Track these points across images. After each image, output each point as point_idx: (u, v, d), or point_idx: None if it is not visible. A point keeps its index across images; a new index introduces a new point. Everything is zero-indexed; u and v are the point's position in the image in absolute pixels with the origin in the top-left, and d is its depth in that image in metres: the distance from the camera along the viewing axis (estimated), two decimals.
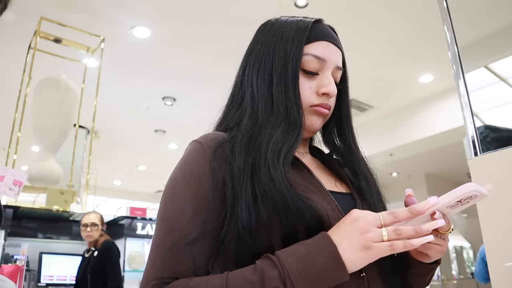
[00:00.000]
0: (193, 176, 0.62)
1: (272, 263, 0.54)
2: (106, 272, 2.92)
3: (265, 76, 0.69)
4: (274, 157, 0.61)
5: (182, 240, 0.59)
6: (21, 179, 2.13)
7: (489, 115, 1.49)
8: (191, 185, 0.62)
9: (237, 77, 0.76)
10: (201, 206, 0.60)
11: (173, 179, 0.65)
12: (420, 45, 4.04)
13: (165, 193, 0.65)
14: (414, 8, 3.53)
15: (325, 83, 0.68)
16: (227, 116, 0.73)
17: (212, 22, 3.69)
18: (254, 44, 0.74)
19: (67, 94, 3.94)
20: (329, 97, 0.69)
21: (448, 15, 1.57)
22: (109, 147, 6.56)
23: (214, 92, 4.97)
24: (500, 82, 1.59)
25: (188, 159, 0.65)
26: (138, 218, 4.67)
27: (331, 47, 0.70)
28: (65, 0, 3.43)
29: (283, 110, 0.65)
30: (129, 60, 4.33)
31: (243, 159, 0.61)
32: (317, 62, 0.68)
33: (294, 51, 0.68)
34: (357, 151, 0.75)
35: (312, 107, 0.69)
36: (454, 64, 1.53)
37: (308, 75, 0.68)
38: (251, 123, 0.66)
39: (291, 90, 0.66)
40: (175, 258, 0.58)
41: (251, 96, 0.69)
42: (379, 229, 0.54)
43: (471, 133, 1.45)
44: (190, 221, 0.60)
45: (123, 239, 4.45)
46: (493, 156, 1.37)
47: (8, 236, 3.52)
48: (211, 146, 0.64)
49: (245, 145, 0.63)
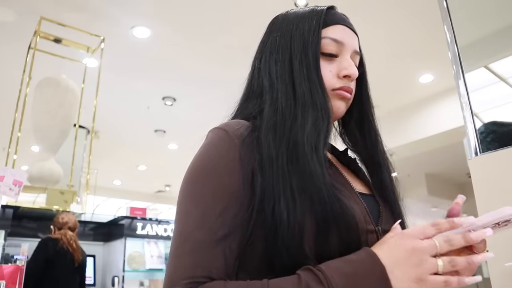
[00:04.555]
0: (221, 166, 0.57)
1: (317, 279, 0.50)
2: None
3: (285, 62, 0.66)
4: (313, 150, 0.57)
5: (213, 236, 0.54)
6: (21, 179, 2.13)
7: (489, 115, 1.49)
8: (220, 175, 0.57)
9: (252, 69, 0.73)
10: (231, 198, 0.56)
11: (196, 170, 0.59)
12: (420, 45, 4.04)
13: (188, 184, 0.59)
14: (414, 8, 3.53)
15: (345, 66, 0.66)
16: (244, 107, 0.69)
17: (212, 22, 3.69)
18: (268, 35, 0.72)
19: (67, 94, 3.95)
20: (350, 79, 0.67)
21: (448, 15, 1.57)
22: (109, 147, 6.56)
23: (214, 92, 4.97)
24: (500, 82, 1.59)
25: (212, 147, 0.60)
26: (138, 218, 4.67)
27: (347, 31, 0.68)
28: (65, 0, 3.43)
29: (307, 94, 0.62)
30: (129, 60, 4.33)
31: (274, 150, 0.57)
32: (336, 45, 0.66)
33: (312, 34, 0.66)
34: (381, 141, 0.73)
35: (334, 90, 0.66)
36: (454, 64, 1.53)
37: (327, 58, 0.66)
38: (273, 110, 0.62)
39: (313, 73, 0.64)
40: (206, 256, 0.53)
41: (270, 83, 0.65)
42: (435, 260, 0.50)
43: (471, 133, 1.44)
44: (221, 215, 0.55)
45: (123, 239, 4.44)
46: (493, 156, 1.37)
47: (8, 236, 3.52)
48: (238, 134, 0.59)
49: (272, 134, 0.59)
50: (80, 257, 3.15)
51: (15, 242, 3.60)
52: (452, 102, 4.78)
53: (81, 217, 4.18)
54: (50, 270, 2.94)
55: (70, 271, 3.09)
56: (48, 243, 3.03)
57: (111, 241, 4.70)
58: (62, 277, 3.02)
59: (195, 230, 0.55)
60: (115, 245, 4.60)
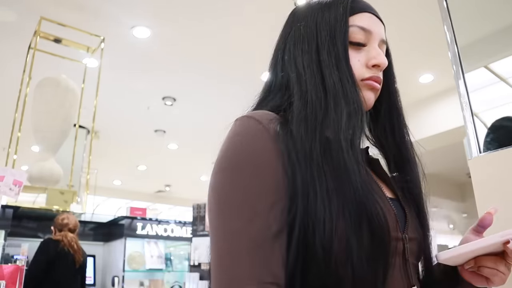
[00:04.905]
0: (262, 157, 0.52)
1: None
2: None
3: (311, 53, 0.62)
4: (349, 146, 0.54)
5: (268, 231, 0.49)
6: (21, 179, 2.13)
7: (489, 115, 1.49)
8: (262, 168, 0.52)
9: (274, 60, 0.69)
10: (278, 192, 0.51)
11: (231, 161, 0.54)
12: (420, 45, 4.04)
13: (224, 177, 0.54)
14: (414, 8, 3.53)
15: (374, 55, 0.63)
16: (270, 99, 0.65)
17: (212, 22, 3.69)
18: (291, 25, 0.68)
19: (67, 94, 3.95)
20: (379, 69, 0.64)
21: (448, 15, 1.57)
22: (109, 147, 6.56)
23: (214, 92, 4.97)
24: (500, 82, 1.59)
25: (247, 137, 0.55)
26: (138, 218, 4.67)
27: (374, 19, 0.66)
28: (65, 0, 3.43)
29: (338, 85, 0.59)
30: (129, 60, 4.33)
31: (308, 144, 0.54)
32: (363, 33, 0.63)
33: (339, 23, 0.62)
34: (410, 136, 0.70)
35: (363, 81, 0.63)
36: (454, 64, 1.53)
37: (355, 47, 0.63)
38: (303, 103, 0.58)
39: (343, 63, 0.60)
40: (267, 253, 0.48)
41: (298, 75, 0.61)
42: None
43: (471, 133, 1.44)
44: (272, 209, 0.50)
45: (123, 239, 4.45)
46: (493, 156, 1.37)
47: (8, 236, 3.52)
48: (272, 126, 0.55)
49: (304, 129, 0.55)
50: (81, 258, 3.15)
51: (15, 242, 3.61)
52: (452, 102, 4.78)
53: (81, 217, 4.18)
54: (51, 272, 2.94)
55: (71, 273, 3.09)
56: (49, 245, 3.03)
57: (111, 241, 4.70)
58: (64, 279, 3.02)
59: (249, 224, 0.49)
60: (115, 245, 4.61)
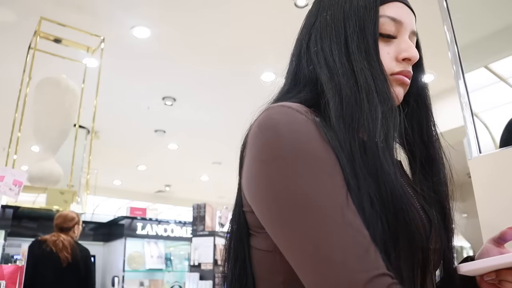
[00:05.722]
0: (319, 145, 0.49)
1: None
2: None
3: (340, 45, 0.58)
4: (385, 146, 0.51)
5: (357, 219, 0.46)
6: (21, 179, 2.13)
7: (489, 115, 1.49)
8: (323, 157, 0.48)
9: (298, 51, 0.65)
10: (343, 184, 0.48)
11: (285, 150, 0.49)
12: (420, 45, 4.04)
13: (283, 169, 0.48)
14: (414, 8, 3.52)
15: (405, 47, 0.60)
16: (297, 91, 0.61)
17: (212, 22, 3.69)
18: (315, 15, 0.64)
19: (67, 94, 3.94)
20: (410, 62, 0.60)
21: (448, 15, 1.57)
22: (109, 147, 6.56)
23: (214, 92, 4.97)
24: (500, 82, 1.59)
25: (296, 125, 0.50)
26: (138, 218, 4.67)
27: (405, 9, 0.62)
28: (65, 0, 3.43)
29: (370, 81, 0.55)
30: (129, 60, 4.33)
31: (348, 144, 0.50)
32: (394, 25, 0.60)
33: (369, 13, 0.59)
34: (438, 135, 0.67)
35: (393, 75, 0.59)
36: (454, 64, 1.53)
37: (384, 39, 0.60)
38: (338, 100, 0.54)
39: (374, 57, 0.57)
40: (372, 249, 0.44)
41: (328, 69, 0.57)
42: None
43: (471, 133, 1.44)
44: (349, 203, 0.47)
45: (123, 239, 4.45)
46: (493, 156, 1.37)
47: (8, 236, 3.52)
48: (311, 116, 0.52)
49: (342, 127, 0.52)
50: (67, 256, 2.96)
51: (15, 242, 3.61)
52: (452, 102, 4.78)
53: (81, 217, 4.18)
54: (36, 272, 2.84)
55: (59, 272, 2.94)
56: (34, 245, 2.95)
57: (111, 241, 4.70)
58: (49, 279, 2.90)
59: (339, 212, 0.45)
60: (115, 245, 4.61)
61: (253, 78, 4.29)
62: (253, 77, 4.28)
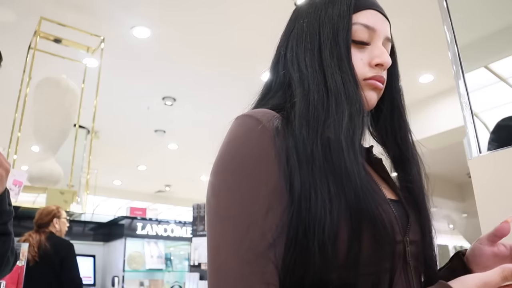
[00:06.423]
0: (258, 160, 0.52)
1: None
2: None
3: (313, 51, 0.61)
4: (349, 146, 0.53)
5: (264, 240, 0.48)
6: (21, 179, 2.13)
7: (489, 115, 1.49)
8: (259, 172, 0.51)
9: (276, 58, 0.68)
10: (276, 196, 0.50)
11: (229, 163, 0.53)
12: (420, 45, 4.04)
13: (221, 181, 0.53)
14: (414, 8, 3.53)
15: (377, 54, 0.62)
16: (271, 97, 0.64)
17: (212, 22, 3.69)
18: (293, 22, 0.67)
19: (67, 94, 3.95)
20: (383, 68, 0.63)
21: (448, 15, 1.57)
22: (109, 147, 6.56)
23: (214, 92, 4.97)
24: (500, 82, 1.59)
25: (245, 138, 0.54)
26: (138, 218, 4.67)
27: (379, 16, 0.65)
28: (65, 0, 3.43)
29: (340, 85, 0.58)
30: (129, 60, 4.33)
31: (309, 146, 0.53)
32: (367, 31, 0.62)
33: (342, 20, 0.61)
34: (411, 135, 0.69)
35: (366, 80, 0.62)
36: (454, 64, 1.53)
37: (358, 45, 0.62)
38: (306, 103, 0.57)
39: (345, 62, 0.59)
40: (260, 264, 0.48)
41: (300, 74, 0.60)
42: None
43: (471, 133, 1.44)
44: (268, 215, 0.49)
45: (123, 239, 4.45)
46: (493, 156, 1.37)
47: None
48: (271, 125, 0.54)
49: (306, 130, 0.54)
50: (34, 254, 2.69)
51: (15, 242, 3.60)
52: (452, 102, 4.78)
53: (81, 217, 4.19)
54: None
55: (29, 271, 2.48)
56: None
57: (111, 241, 4.70)
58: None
59: (243, 234, 0.49)
60: (115, 245, 4.60)
61: (253, 78, 4.29)
62: (253, 77, 4.28)
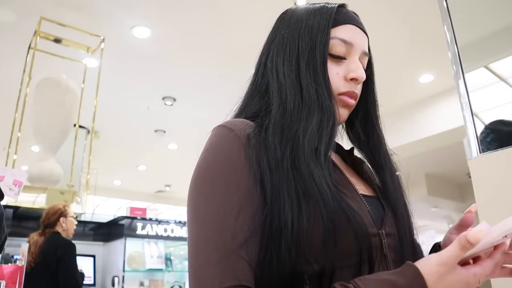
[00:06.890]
0: (230, 166, 0.55)
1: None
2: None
3: (292, 62, 0.64)
4: (313, 152, 0.56)
5: (235, 240, 0.51)
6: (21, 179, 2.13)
7: (489, 115, 1.49)
8: (231, 177, 0.55)
9: (258, 66, 0.71)
10: (247, 198, 0.54)
11: (206, 171, 0.57)
12: (420, 45, 4.04)
13: (199, 187, 0.57)
14: (414, 8, 3.53)
15: (353, 68, 0.64)
16: (249, 104, 0.67)
17: (212, 22, 3.69)
18: (276, 32, 0.70)
19: (67, 94, 3.95)
20: (357, 82, 0.65)
21: (448, 15, 1.57)
22: (109, 147, 6.56)
23: (214, 92, 4.97)
24: (500, 82, 1.59)
25: (219, 147, 0.58)
26: (138, 218, 4.67)
27: (357, 31, 0.67)
28: (65, 0, 3.43)
29: (314, 96, 0.61)
30: (129, 60, 4.33)
31: (280, 151, 0.56)
32: (344, 46, 0.64)
33: (321, 34, 0.64)
34: (384, 143, 0.73)
35: (339, 95, 0.64)
36: (454, 64, 1.53)
37: (335, 60, 0.65)
38: (281, 112, 0.60)
39: (320, 76, 0.62)
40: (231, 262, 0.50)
41: (278, 84, 0.63)
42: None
43: (471, 133, 1.44)
44: (239, 217, 0.52)
45: (123, 239, 4.45)
46: (493, 156, 1.37)
47: (8, 236, 3.52)
48: (245, 134, 0.58)
49: (279, 137, 0.58)
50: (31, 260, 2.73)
51: (15, 242, 3.60)
52: (452, 102, 4.78)
53: (81, 217, 4.18)
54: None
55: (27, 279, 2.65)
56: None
57: (111, 241, 4.70)
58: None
59: (216, 235, 0.52)
60: (115, 245, 4.60)
61: None
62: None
